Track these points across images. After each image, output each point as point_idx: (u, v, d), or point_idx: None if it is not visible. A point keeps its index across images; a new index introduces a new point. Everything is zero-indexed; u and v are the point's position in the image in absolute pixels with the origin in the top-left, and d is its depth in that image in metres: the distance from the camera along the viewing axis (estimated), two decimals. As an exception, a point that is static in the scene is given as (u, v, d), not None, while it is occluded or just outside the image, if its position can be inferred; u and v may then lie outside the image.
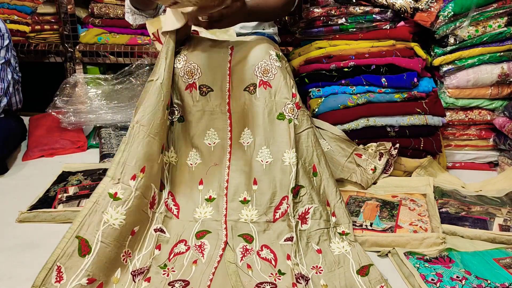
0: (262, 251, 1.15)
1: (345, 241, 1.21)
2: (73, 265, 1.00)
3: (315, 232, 1.20)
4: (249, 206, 1.21)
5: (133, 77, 2.06)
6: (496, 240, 1.26)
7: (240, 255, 1.13)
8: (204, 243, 1.17)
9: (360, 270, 1.13)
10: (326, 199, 1.26)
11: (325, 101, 1.68)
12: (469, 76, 1.68)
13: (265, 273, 1.09)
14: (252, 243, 1.16)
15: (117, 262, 1.05)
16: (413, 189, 1.52)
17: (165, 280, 1.07)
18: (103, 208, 1.06)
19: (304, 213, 1.21)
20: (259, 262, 1.12)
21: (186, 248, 1.16)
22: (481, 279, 1.08)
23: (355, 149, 1.58)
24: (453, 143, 1.78)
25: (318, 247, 1.18)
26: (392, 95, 1.64)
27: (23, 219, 1.37)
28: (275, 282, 1.06)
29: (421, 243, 1.24)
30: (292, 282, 1.05)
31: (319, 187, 1.26)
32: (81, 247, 1.02)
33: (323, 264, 1.14)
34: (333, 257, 1.17)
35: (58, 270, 0.99)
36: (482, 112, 1.74)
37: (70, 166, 1.70)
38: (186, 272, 1.09)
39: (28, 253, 1.23)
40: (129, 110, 1.97)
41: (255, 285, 1.05)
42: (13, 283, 1.11)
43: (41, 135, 1.93)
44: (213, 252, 1.13)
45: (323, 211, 1.22)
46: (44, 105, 1.98)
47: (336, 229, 1.24)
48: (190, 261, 1.12)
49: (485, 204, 1.42)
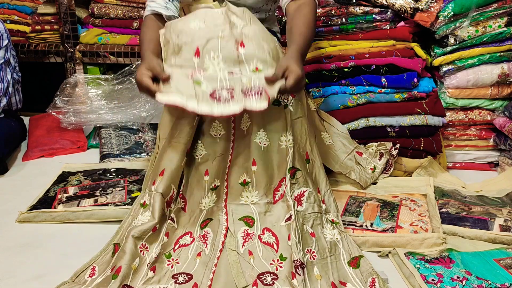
0: (264, 234, 1.16)
1: (335, 229, 1.24)
2: (106, 263, 1.13)
3: (309, 215, 1.23)
4: (249, 188, 1.22)
5: (133, 77, 2.06)
6: (497, 241, 1.25)
7: (241, 240, 1.14)
8: (207, 232, 1.18)
9: (351, 261, 1.15)
10: (317, 186, 1.30)
11: (325, 101, 1.68)
12: (469, 76, 1.68)
13: (266, 260, 1.11)
14: (253, 226, 1.17)
15: (136, 254, 1.12)
16: (414, 189, 1.52)
17: (169, 272, 1.10)
18: (135, 217, 1.22)
19: (299, 195, 1.24)
20: (260, 247, 1.13)
21: (191, 240, 1.18)
22: (481, 279, 1.08)
23: (356, 147, 1.58)
24: (453, 143, 1.78)
25: (312, 230, 1.20)
26: (392, 95, 1.64)
27: (23, 219, 1.37)
28: (276, 271, 1.07)
29: (422, 243, 1.23)
30: (291, 271, 1.06)
31: (312, 173, 1.30)
32: (115, 250, 1.15)
33: (316, 249, 1.16)
34: (325, 243, 1.19)
35: (93, 269, 1.13)
36: (482, 112, 1.74)
37: (70, 166, 1.70)
38: (190, 265, 1.12)
39: (29, 253, 1.23)
40: (129, 110, 1.97)
41: (256, 276, 1.06)
42: (14, 282, 1.11)
43: (41, 135, 1.93)
44: (216, 240, 1.15)
45: (316, 196, 1.25)
46: (44, 105, 1.98)
47: (327, 216, 1.26)
48: (194, 254, 1.15)
49: (485, 205, 1.42)
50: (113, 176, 1.60)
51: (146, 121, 1.97)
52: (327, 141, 1.53)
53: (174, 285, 1.06)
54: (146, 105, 1.97)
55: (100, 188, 1.51)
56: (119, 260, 1.10)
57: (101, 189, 1.50)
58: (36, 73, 2.25)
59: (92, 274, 1.11)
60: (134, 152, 1.80)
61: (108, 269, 1.10)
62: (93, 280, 1.08)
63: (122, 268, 1.07)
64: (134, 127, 1.95)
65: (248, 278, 1.06)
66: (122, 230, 1.23)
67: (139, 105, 1.97)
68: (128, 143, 1.86)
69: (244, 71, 1.15)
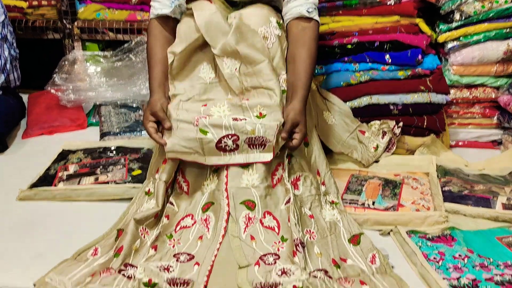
0: (265, 218, 1.16)
1: (335, 209, 1.25)
2: (109, 246, 1.13)
3: (306, 198, 1.24)
4: (249, 171, 1.21)
5: (133, 54, 2.03)
6: (499, 219, 1.25)
7: (243, 225, 1.14)
8: (209, 216, 1.17)
9: (352, 239, 1.16)
10: (317, 169, 1.31)
11: (327, 79, 1.65)
12: (475, 53, 1.65)
13: (268, 243, 1.11)
14: (255, 209, 1.16)
15: (137, 235, 1.14)
16: (416, 168, 1.51)
17: (170, 251, 1.10)
18: (140, 205, 1.24)
19: (295, 179, 1.25)
20: (262, 231, 1.13)
21: (192, 222, 1.18)
22: (483, 257, 1.08)
23: (359, 125, 1.56)
24: (456, 122, 1.77)
25: (310, 213, 1.21)
26: (395, 72, 1.62)
27: (24, 197, 1.37)
28: (278, 252, 1.08)
29: (424, 221, 1.23)
30: (293, 250, 1.07)
31: (310, 157, 1.30)
32: (118, 235, 1.15)
33: (315, 230, 1.17)
34: (325, 223, 1.20)
35: (95, 249, 1.13)
36: (487, 90, 1.72)
37: (70, 144, 1.69)
38: (191, 246, 1.12)
39: (30, 231, 1.23)
40: (129, 87, 1.95)
41: (258, 257, 1.07)
42: (16, 260, 1.11)
43: (41, 113, 1.91)
44: (217, 225, 1.15)
45: (313, 179, 1.26)
46: (42, 82, 1.96)
47: (326, 198, 1.27)
48: (195, 236, 1.14)
49: (488, 183, 1.41)
50: (114, 154, 1.59)
51: (146, 99, 1.95)
52: (329, 120, 1.51)
53: (176, 263, 1.06)
54: (146, 83, 1.94)
55: (100, 166, 1.50)
56: (121, 241, 1.11)
57: (101, 167, 1.50)
58: (34, 50, 2.22)
59: (95, 253, 1.12)
60: (134, 130, 1.78)
61: (111, 251, 1.11)
62: (95, 260, 1.09)
63: (124, 248, 1.09)
64: (134, 105, 1.93)
65: (250, 259, 1.06)
66: (126, 217, 1.23)
67: (139, 83, 1.95)
68: (128, 121, 1.84)
69: (248, 117, 1.18)
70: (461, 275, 1.02)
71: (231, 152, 1.17)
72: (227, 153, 1.17)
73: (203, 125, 1.16)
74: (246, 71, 1.24)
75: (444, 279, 1.01)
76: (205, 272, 1.03)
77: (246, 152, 1.17)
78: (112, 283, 1.00)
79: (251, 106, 1.20)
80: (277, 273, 1.01)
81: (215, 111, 1.19)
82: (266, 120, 1.18)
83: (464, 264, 1.06)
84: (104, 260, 1.08)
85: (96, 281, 1.01)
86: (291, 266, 1.02)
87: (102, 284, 1.00)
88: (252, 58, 1.23)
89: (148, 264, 1.04)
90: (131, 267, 1.06)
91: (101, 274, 1.02)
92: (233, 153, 1.17)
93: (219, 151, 1.17)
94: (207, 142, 1.16)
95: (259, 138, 1.17)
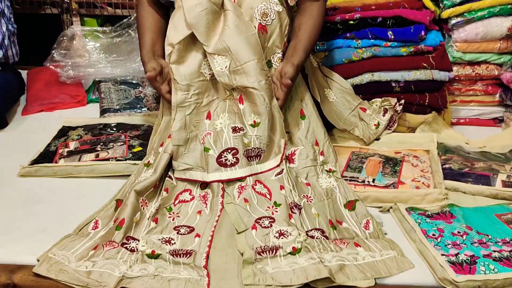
0: (256, 185, 1.20)
1: (332, 177, 1.27)
2: (109, 217, 1.14)
3: (303, 169, 1.27)
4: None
5: (132, 30, 2.01)
6: (499, 196, 1.26)
7: (237, 194, 1.18)
8: (207, 193, 1.20)
9: (347, 204, 1.20)
10: (315, 139, 1.33)
11: (329, 55, 1.64)
12: (478, 29, 1.63)
13: (262, 207, 1.15)
14: (246, 179, 1.21)
15: (137, 208, 1.14)
16: (417, 145, 1.51)
17: (171, 224, 1.13)
18: (138, 175, 1.24)
19: (291, 154, 1.29)
20: (255, 196, 1.18)
21: (190, 197, 1.20)
22: (482, 234, 1.09)
23: (360, 103, 1.55)
24: (458, 99, 1.75)
25: (306, 181, 1.24)
26: (398, 49, 1.60)
27: (25, 173, 1.37)
28: (272, 215, 1.12)
29: (423, 199, 1.24)
30: (288, 213, 1.11)
31: (307, 129, 1.32)
32: (117, 205, 1.16)
33: (313, 195, 1.21)
34: (321, 189, 1.23)
35: (96, 222, 1.14)
36: (490, 67, 1.70)
37: (70, 120, 1.68)
38: (191, 219, 1.14)
39: (31, 207, 1.23)
40: (129, 64, 1.93)
41: (254, 221, 1.10)
42: (18, 236, 1.12)
43: (40, 89, 1.90)
44: (214, 200, 1.18)
45: (309, 151, 1.29)
46: (41, 58, 1.94)
47: (323, 167, 1.30)
48: (194, 210, 1.17)
49: (488, 161, 1.41)
50: (114, 131, 1.59)
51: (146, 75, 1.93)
52: (331, 97, 1.51)
53: (177, 236, 1.09)
54: (145, 59, 1.93)
55: (101, 143, 1.50)
56: (121, 213, 1.11)
57: (102, 144, 1.49)
58: (31, 25, 2.19)
59: (95, 227, 1.12)
60: (134, 107, 1.78)
61: (111, 222, 1.12)
62: (97, 233, 1.10)
63: (125, 221, 1.09)
64: (134, 82, 1.91)
65: (247, 223, 1.11)
66: (125, 187, 1.24)
67: (138, 59, 1.92)
68: (128, 97, 1.83)
69: (244, 126, 1.22)
70: (459, 252, 1.03)
71: (232, 166, 1.21)
72: (227, 169, 1.20)
73: (207, 145, 1.21)
74: (235, 68, 1.22)
75: (443, 256, 1.02)
76: (206, 243, 1.06)
77: (246, 166, 1.21)
78: (116, 256, 1.02)
79: (245, 113, 1.22)
80: (274, 235, 1.06)
81: (218, 124, 1.23)
82: (261, 130, 1.21)
83: (462, 241, 1.07)
84: (105, 232, 1.09)
85: (100, 254, 1.02)
86: (287, 228, 1.07)
87: (106, 257, 1.01)
88: (241, 55, 1.21)
89: (150, 236, 1.06)
90: (133, 240, 1.07)
91: (104, 248, 1.04)
92: (233, 168, 1.21)
93: (219, 166, 1.20)
94: (210, 158, 1.21)
95: (254, 149, 1.21)
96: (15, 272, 1.00)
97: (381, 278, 1.00)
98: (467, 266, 0.99)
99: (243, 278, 0.97)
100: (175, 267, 1.00)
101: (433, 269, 1.01)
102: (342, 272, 0.99)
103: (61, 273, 0.98)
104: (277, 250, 1.02)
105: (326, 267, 0.97)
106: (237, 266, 1.01)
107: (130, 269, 0.99)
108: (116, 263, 1.00)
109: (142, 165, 1.28)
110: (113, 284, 0.95)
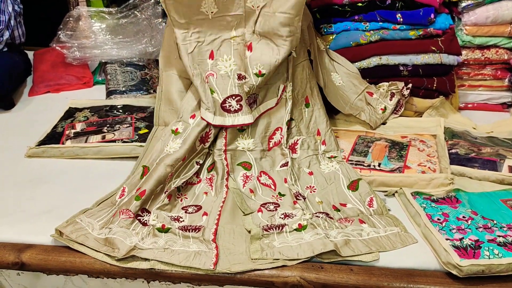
0: (261, 177, 1.22)
1: (333, 162, 1.30)
2: (134, 185, 1.16)
3: (305, 159, 1.30)
4: (244, 135, 1.27)
5: (138, 11, 1.99)
6: (505, 182, 1.25)
7: (242, 182, 1.21)
8: (213, 175, 1.23)
9: (350, 185, 1.22)
10: (317, 129, 1.34)
11: (336, 38, 1.62)
12: (489, 12, 1.60)
13: (267, 196, 1.18)
14: (251, 170, 1.24)
15: (162, 181, 1.15)
16: (423, 130, 1.50)
17: (179, 204, 1.16)
18: (166, 142, 1.22)
19: (293, 144, 1.31)
20: (260, 187, 1.20)
21: (198, 180, 1.23)
22: (487, 219, 1.09)
23: (367, 87, 1.54)
24: (466, 83, 1.73)
25: (309, 170, 1.27)
26: (407, 32, 1.57)
27: (32, 154, 1.38)
28: (277, 202, 1.15)
29: (429, 183, 1.23)
30: (293, 200, 1.13)
31: (310, 118, 1.34)
32: (144, 172, 1.18)
33: (316, 184, 1.23)
34: (324, 176, 1.26)
35: (123, 190, 1.16)
36: (500, 51, 1.67)
37: (76, 102, 1.68)
38: (198, 199, 1.18)
39: (38, 187, 1.24)
40: (135, 45, 1.91)
41: (259, 205, 1.13)
42: (25, 216, 1.13)
43: (46, 71, 1.90)
44: (219, 182, 1.21)
45: (310, 141, 1.32)
46: (47, 39, 1.93)
47: (325, 155, 1.32)
48: (201, 191, 1.20)
49: (495, 146, 1.40)
50: (120, 112, 1.59)
51: (152, 57, 1.92)
52: (337, 81, 1.50)
53: (185, 215, 1.12)
54: (152, 40, 1.92)
55: (107, 124, 1.51)
56: (145, 184, 1.13)
57: (108, 125, 1.50)
58: (38, 5, 2.18)
59: (122, 195, 1.15)
60: (140, 89, 1.77)
61: (134, 190, 1.14)
62: (122, 201, 1.13)
63: (146, 193, 1.11)
64: (140, 63, 1.91)
65: (253, 206, 1.14)
66: (152, 152, 1.23)
67: (145, 41, 1.92)
68: (134, 79, 1.83)
69: (248, 76, 1.22)
70: (464, 236, 1.03)
71: (235, 113, 1.20)
72: (231, 114, 1.20)
73: (211, 85, 1.20)
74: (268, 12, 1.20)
75: (447, 240, 1.02)
76: (214, 221, 1.09)
77: (248, 112, 1.21)
78: (129, 226, 1.05)
79: (251, 61, 1.21)
80: (280, 217, 1.09)
81: (222, 66, 1.21)
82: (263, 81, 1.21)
83: (467, 226, 1.07)
84: (127, 198, 1.11)
85: (116, 221, 1.05)
86: (292, 210, 1.10)
87: (120, 225, 1.04)
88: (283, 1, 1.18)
89: (161, 212, 1.09)
90: (147, 213, 1.10)
91: (120, 215, 1.06)
92: (236, 114, 1.20)
93: (224, 111, 1.20)
94: (215, 100, 1.20)
95: (253, 95, 1.22)
96: (23, 251, 1.02)
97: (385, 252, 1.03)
98: (471, 250, 0.99)
99: (251, 253, 1.00)
100: (185, 240, 1.03)
101: (437, 253, 1.01)
102: (347, 246, 1.01)
103: (81, 238, 1.01)
104: (283, 227, 1.06)
105: (332, 242, 1.00)
106: (244, 243, 1.04)
107: (142, 241, 1.01)
108: (129, 233, 1.03)
109: (170, 131, 1.26)
110: (125, 251, 0.98)
